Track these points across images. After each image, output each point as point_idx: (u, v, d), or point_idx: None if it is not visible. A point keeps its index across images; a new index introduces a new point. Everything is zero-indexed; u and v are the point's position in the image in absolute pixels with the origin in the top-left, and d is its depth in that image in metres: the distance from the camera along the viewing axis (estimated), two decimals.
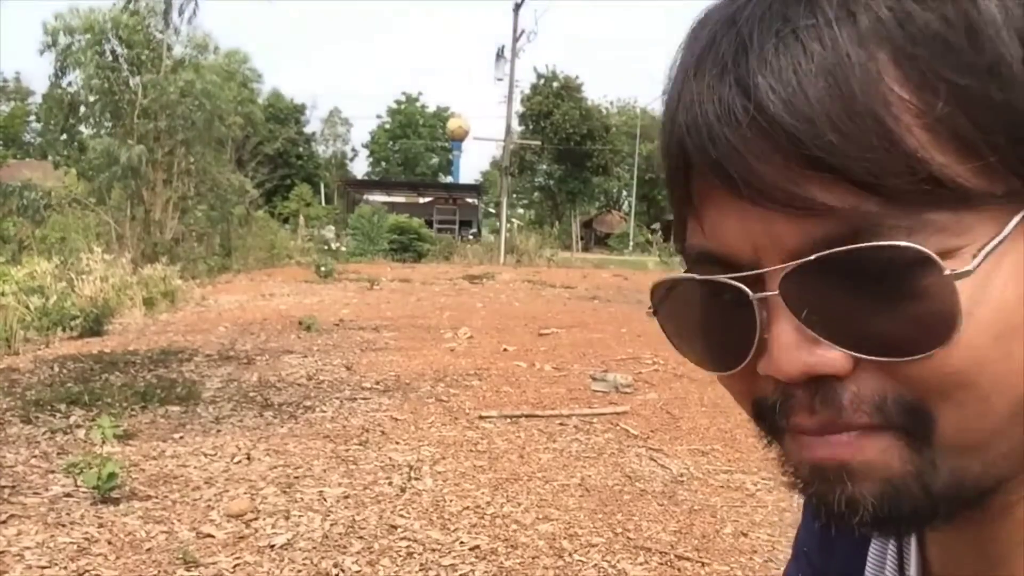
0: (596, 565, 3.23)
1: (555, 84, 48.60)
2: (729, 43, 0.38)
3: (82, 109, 20.60)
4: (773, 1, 0.37)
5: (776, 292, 0.38)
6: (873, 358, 0.37)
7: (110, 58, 19.57)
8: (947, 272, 0.34)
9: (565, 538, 3.47)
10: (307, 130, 54.35)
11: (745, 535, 3.57)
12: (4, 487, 3.81)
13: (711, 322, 0.43)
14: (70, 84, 20.23)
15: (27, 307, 8.84)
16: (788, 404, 0.40)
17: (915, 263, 0.35)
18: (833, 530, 0.41)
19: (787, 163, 0.36)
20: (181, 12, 19.77)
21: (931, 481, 0.38)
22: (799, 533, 0.64)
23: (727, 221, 0.39)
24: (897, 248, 0.35)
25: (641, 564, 3.26)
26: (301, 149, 51.35)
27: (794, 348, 0.38)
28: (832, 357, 0.37)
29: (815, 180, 0.35)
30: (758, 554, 3.38)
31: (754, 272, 0.39)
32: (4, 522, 3.41)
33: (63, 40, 19.31)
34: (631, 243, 44.69)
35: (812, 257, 0.36)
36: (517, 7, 32.14)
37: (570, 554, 3.31)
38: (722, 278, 0.40)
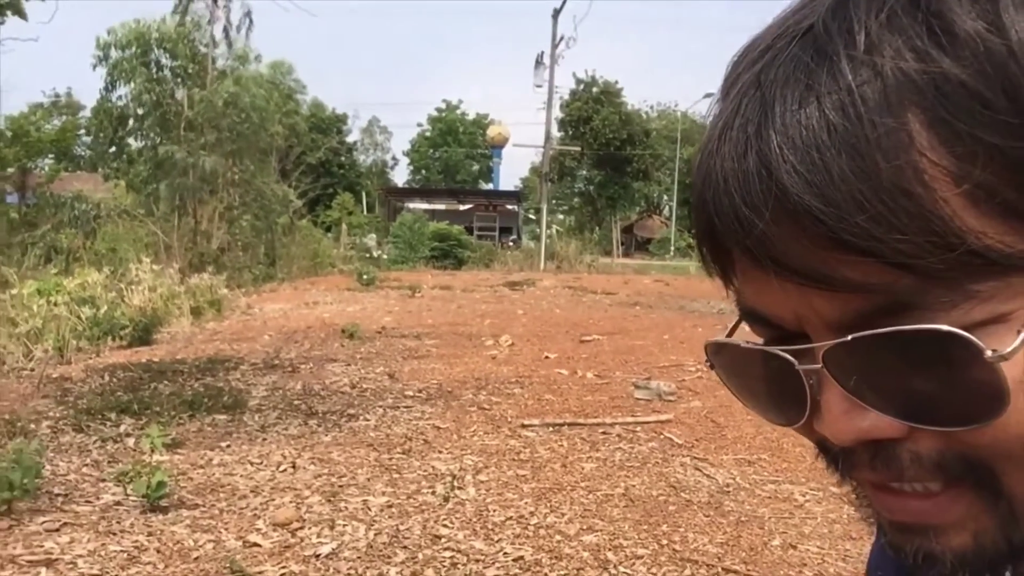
0: None
1: (595, 89, 48.47)
2: (753, 111, 0.36)
3: (130, 122, 21.09)
4: (797, 63, 0.35)
5: (820, 365, 0.37)
6: (925, 427, 0.36)
7: (155, 70, 20.01)
8: (988, 354, 0.33)
9: (610, 550, 3.44)
10: (348, 140, 54.96)
11: (794, 547, 3.50)
12: (58, 495, 3.89)
13: (766, 381, 0.43)
14: (119, 97, 20.75)
15: (79, 317, 9.04)
16: (849, 460, 0.40)
17: (955, 342, 0.33)
18: None
19: (815, 246, 0.34)
20: (238, 29, 20.19)
21: (1013, 533, 0.37)
22: (873, 554, 0.62)
23: (765, 293, 0.39)
24: (936, 330, 0.33)
25: None
26: (343, 158, 51.86)
27: (845, 415, 0.37)
28: (884, 423, 0.37)
29: (846, 261, 0.34)
30: (808, 567, 3.31)
31: (797, 348, 0.38)
32: (57, 530, 3.48)
33: (115, 54, 19.80)
34: (672, 248, 44.35)
35: (848, 338, 0.35)
36: (556, 13, 32.16)
37: (615, 566, 3.28)
38: (768, 348, 0.40)
